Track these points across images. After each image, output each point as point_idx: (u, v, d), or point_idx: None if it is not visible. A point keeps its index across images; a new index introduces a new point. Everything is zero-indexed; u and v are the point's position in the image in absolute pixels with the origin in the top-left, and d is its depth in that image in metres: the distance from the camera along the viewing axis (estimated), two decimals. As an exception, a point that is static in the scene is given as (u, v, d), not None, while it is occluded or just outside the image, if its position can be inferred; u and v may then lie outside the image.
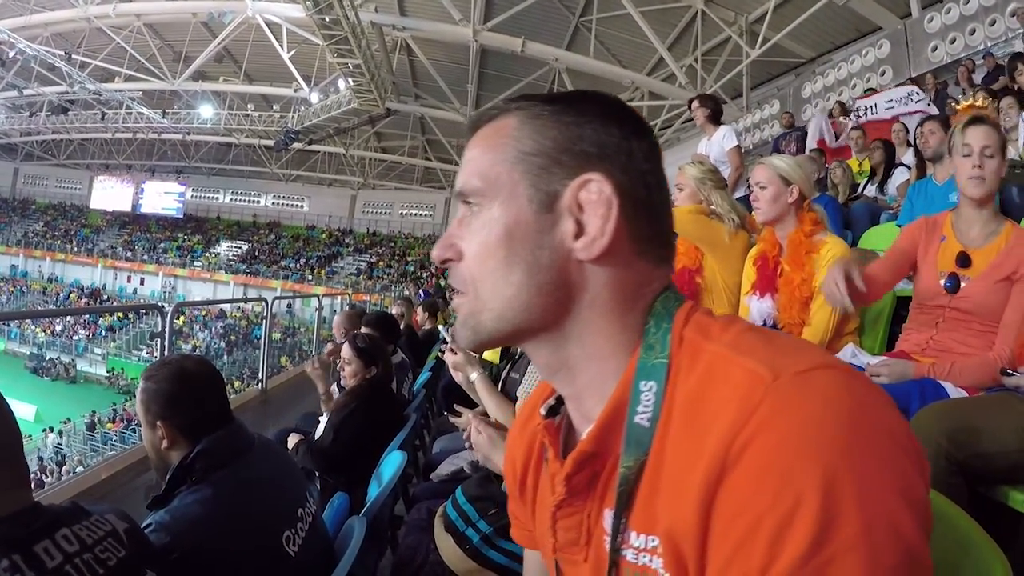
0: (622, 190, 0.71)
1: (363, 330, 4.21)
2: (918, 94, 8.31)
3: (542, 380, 0.93)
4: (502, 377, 2.84)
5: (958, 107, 5.92)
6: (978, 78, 8.93)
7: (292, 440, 3.28)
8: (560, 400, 0.82)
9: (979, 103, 4.09)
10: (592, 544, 0.72)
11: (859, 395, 0.56)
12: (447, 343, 2.87)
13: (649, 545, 0.64)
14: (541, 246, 0.71)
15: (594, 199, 0.70)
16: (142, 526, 1.47)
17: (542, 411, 0.84)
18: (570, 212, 0.71)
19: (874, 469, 0.53)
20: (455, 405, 2.94)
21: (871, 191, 6.05)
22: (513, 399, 2.57)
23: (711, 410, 0.59)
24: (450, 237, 0.77)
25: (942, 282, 2.29)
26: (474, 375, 2.66)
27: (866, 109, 8.68)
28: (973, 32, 11.10)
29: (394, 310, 7.50)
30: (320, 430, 3.37)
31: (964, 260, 2.26)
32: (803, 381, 0.56)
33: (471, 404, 3.06)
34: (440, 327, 3.05)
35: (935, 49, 11.89)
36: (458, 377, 2.77)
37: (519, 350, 2.85)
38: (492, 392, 2.61)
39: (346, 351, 3.38)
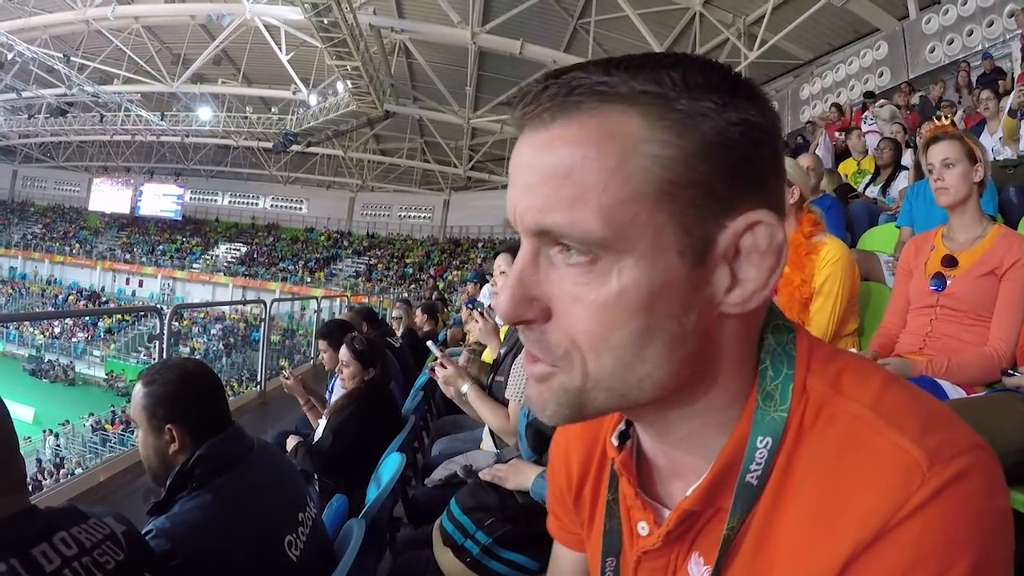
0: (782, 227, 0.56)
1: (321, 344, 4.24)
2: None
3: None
4: (488, 381, 2.84)
5: (925, 130, 5.93)
6: (975, 79, 8.96)
7: (291, 442, 3.28)
8: (629, 424, 0.72)
9: (943, 122, 4.16)
10: None
11: (999, 490, 0.53)
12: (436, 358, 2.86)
13: None
14: (689, 309, 0.55)
15: (763, 247, 0.55)
16: (143, 532, 1.46)
17: (614, 440, 0.72)
18: (725, 260, 0.55)
19: (1000, 565, 0.52)
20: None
21: (873, 192, 6.03)
22: (503, 402, 2.58)
23: (851, 484, 0.53)
24: (526, 288, 0.58)
25: (929, 283, 2.39)
26: (465, 387, 2.67)
27: None
28: (971, 33, 11.12)
29: (394, 312, 7.50)
30: (319, 432, 3.37)
31: (950, 261, 2.37)
32: (957, 473, 0.51)
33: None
34: (428, 343, 3.05)
35: (933, 51, 11.90)
36: (449, 392, 2.78)
37: (502, 354, 2.85)
38: (484, 400, 2.62)
39: (344, 353, 3.38)
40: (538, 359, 0.59)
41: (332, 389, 4.22)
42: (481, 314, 3.02)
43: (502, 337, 3.34)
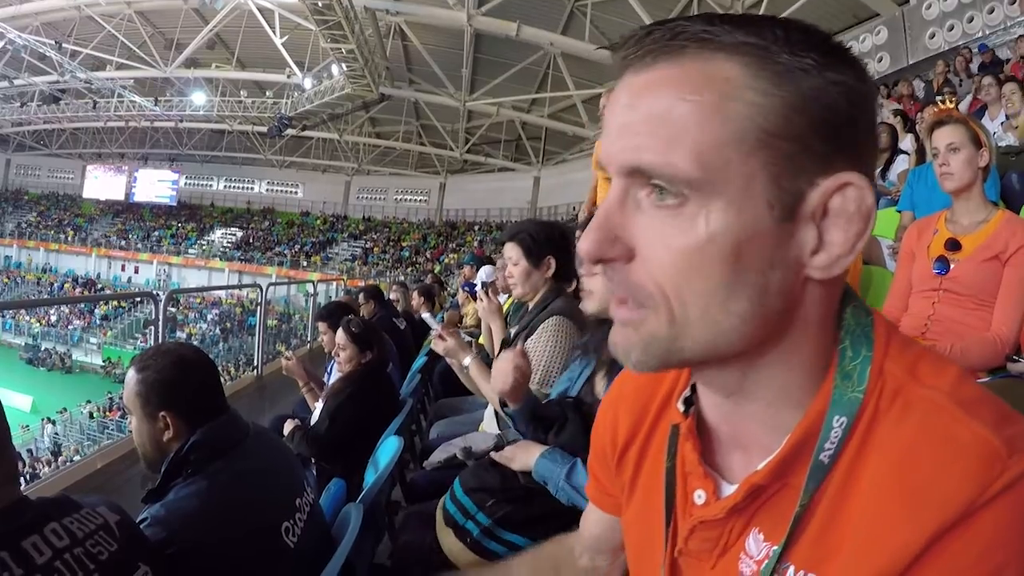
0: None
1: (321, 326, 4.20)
2: None
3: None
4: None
5: (926, 114, 5.90)
6: (975, 68, 8.95)
7: (288, 427, 3.26)
8: (694, 388, 0.71)
9: (947, 104, 4.12)
10: (726, 557, 0.66)
11: None
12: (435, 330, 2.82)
13: None
14: (774, 265, 0.55)
15: (851, 210, 0.55)
16: (138, 520, 1.44)
17: (680, 406, 0.71)
18: (813, 220, 0.55)
19: None
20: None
21: (871, 176, 6.01)
22: None
23: (932, 469, 0.53)
24: (611, 227, 0.58)
25: (933, 266, 2.37)
26: (467, 360, 2.61)
27: None
28: (971, 20, 11.10)
29: (392, 295, 7.49)
30: (316, 416, 3.36)
31: (953, 245, 2.35)
32: None
33: (468, 389, 3.04)
34: (425, 315, 3.02)
35: (932, 36, 11.88)
36: (453, 364, 2.74)
37: (512, 334, 2.82)
38: (487, 375, 2.56)
39: (340, 336, 3.36)
40: (624, 303, 0.59)
41: (331, 372, 4.21)
42: (486, 293, 2.99)
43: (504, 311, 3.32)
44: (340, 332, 3.38)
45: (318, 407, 3.42)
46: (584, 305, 2.01)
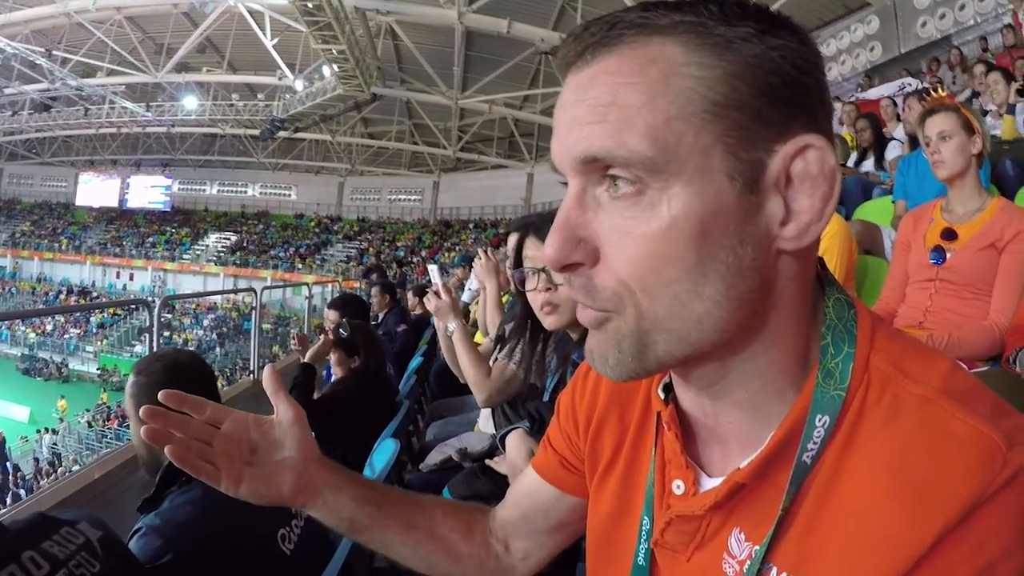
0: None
1: (329, 313, 4.19)
2: (910, 83, 8.29)
3: None
4: (491, 358, 2.77)
5: (906, 104, 5.89)
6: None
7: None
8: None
9: (939, 93, 4.11)
10: (704, 551, 0.65)
11: None
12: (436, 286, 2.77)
13: None
14: (744, 241, 0.54)
15: (814, 172, 0.54)
16: (133, 529, 1.42)
17: (660, 393, 0.70)
18: (777, 189, 0.54)
19: None
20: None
21: (867, 166, 6.00)
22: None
23: (932, 467, 0.51)
24: (573, 228, 0.56)
25: (929, 256, 2.36)
26: (452, 324, 2.54)
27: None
28: (963, 8, 11.10)
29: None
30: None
31: (949, 234, 2.34)
32: None
33: (465, 389, 3.02)
34: (430, 267, 2.97)
35: (924, 25, 11.87)
36: (439, 326, 2.69)
37: (506, 332, 2.79)
38: (469, 347, 2.47)
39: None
40: (604, 312, 0.57)
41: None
42: (485, 252, 2.95)
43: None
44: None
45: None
46: (546, 321, 1.90)
